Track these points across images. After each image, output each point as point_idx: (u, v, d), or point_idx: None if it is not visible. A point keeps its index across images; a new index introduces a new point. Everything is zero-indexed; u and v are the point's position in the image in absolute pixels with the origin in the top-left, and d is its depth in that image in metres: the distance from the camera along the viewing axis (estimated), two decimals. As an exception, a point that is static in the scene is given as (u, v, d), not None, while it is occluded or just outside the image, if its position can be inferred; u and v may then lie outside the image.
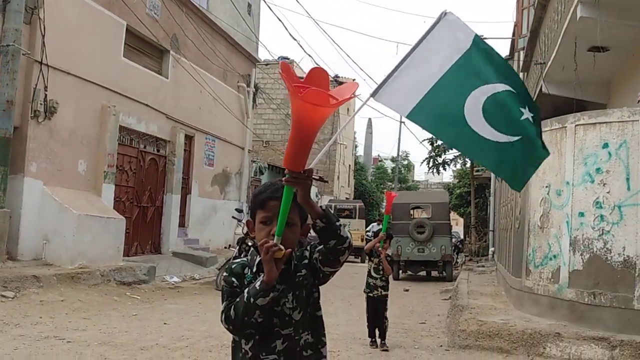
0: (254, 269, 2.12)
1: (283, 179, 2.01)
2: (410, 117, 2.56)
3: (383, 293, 7.19)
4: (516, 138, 2.52)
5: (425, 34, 2.72)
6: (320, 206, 2.05)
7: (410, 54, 2.67)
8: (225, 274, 2.15)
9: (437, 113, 2.57)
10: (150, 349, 6.23)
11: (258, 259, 2.11)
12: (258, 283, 1.99)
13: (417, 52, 2.68)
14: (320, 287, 2.22)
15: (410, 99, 2.56)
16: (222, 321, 2.07)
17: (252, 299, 1.98)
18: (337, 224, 2.03)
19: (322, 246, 2.09)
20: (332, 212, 2.04)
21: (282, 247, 1.98)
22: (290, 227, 2.06)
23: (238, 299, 2.03)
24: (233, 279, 2.11)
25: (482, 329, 7.06)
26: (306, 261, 2.16)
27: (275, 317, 2.07)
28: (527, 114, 2.57)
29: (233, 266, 2.16)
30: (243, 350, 2.10)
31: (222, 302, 2.09)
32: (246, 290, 2.01)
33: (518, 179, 2.58)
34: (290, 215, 2.01)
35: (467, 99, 2.55)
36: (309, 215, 2.20)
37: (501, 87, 2.59)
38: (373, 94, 2.60)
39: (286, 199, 1.99)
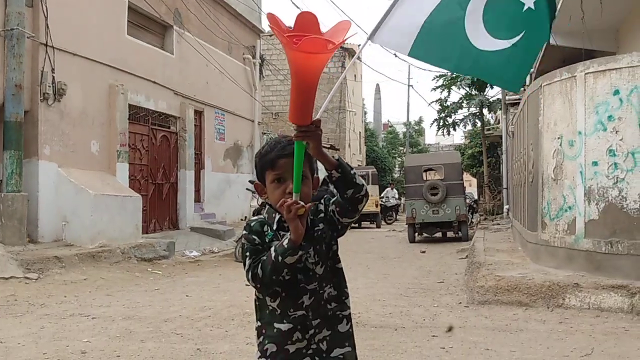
0: (274, 227, 2.09)
1: (292, 135, 1.96)
2: (412, 54, 2.53)
3: None
4: (518, 37, 2.44)
5: None
6: (333, 156, 1.99)
7: None
8: (244, 232, 2.11)
9: (437, 41, 2.52)
10: (174, 320, 6.31)
11: (277, 216, 2.09)
12: (286, 241, 1.95)
13: None
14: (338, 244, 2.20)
15: (408, 36, 2.51)
16: (248, 279, 2.05)
17: (280, 258, 1.95)
18: (352, 172, 1.99)
19: (337, 197, 2.05)
20: None
21: (302, 203, 1.94)
22: (304, 182, 2.02)
23: (264, 257, 2.00)
24: (254, 237, 2.07)
25: (500, 284, 7.07)
26: (322, 215, 2.11)
27: (299, 273, 2.05)
28: (528, 3, 2.48)
29: (252, 224, 2.11)
30: (270, 307, 2.08)
31: (246, 260, 2.05)
32: (273, 249, 1.98)
33: (518, 80, 2.52)
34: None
35: (466, 13, 2.49)
36: (317, 169, 2.17)
37: None
38: (370, 37, 2.56)
39: (298, 155, 1.94)
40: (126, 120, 12.83)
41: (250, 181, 15.22)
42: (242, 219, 18.17)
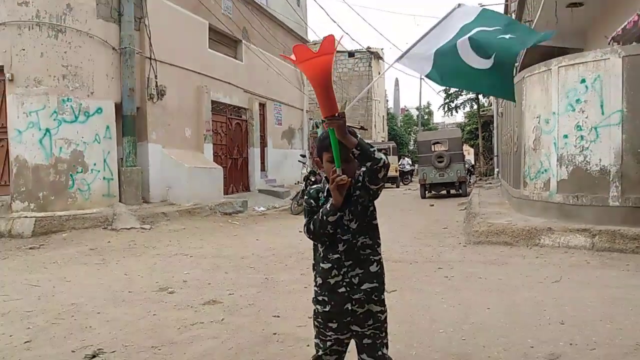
0: (325, 194, 2.13)
1: (323, 124, 1.98)
2: (427, 76, 2.56)
3: None
4: (494, 56, 2.39)
5: (441, 20, 2.68)
6: (355, 137, 1.98)
7: (427, 34, 2.65)
8: (306, 196, 2.17)
9: (444, 67, 2.51)
10: (248, 257, 6.48)
11: (327, 186, 2.11)
12: (329, 205, 2.02)
13: (432, 33, 2.65)
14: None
15: (426, 64, 2.53)
16: (305, 232, 2.12)
17: (324, 217, 2.02)
18: (371, 149, 1.97)
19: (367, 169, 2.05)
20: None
21: (344, 176, 1.96)
22: (348, 162, 2.02)
23: (316, 217, 2.07)
24: (311, 201, 2.14)
25: (491, 229, 7.00)
26: (360, 184, 2.11)
27: (338, 228, 2.08)
28: (505, 36, 2.44)
29: (311, 191, 2.17)
30: (319, 251, 2.15)
31: (305, 217, 2.14)
32: (321, 211, 2.06)
33: (510, 91, 2.48)
34: (345, 152, 1.98)
35: (458, 40, 2.48)
36: None
37: (490, 29, 2.48)
38: (398, 59, 2.60)
39: (333, 138, 1.96)
40: (210, 112, 12.98)
41: (301, 155, 15.29)
42: (295, 183, 18.30)
